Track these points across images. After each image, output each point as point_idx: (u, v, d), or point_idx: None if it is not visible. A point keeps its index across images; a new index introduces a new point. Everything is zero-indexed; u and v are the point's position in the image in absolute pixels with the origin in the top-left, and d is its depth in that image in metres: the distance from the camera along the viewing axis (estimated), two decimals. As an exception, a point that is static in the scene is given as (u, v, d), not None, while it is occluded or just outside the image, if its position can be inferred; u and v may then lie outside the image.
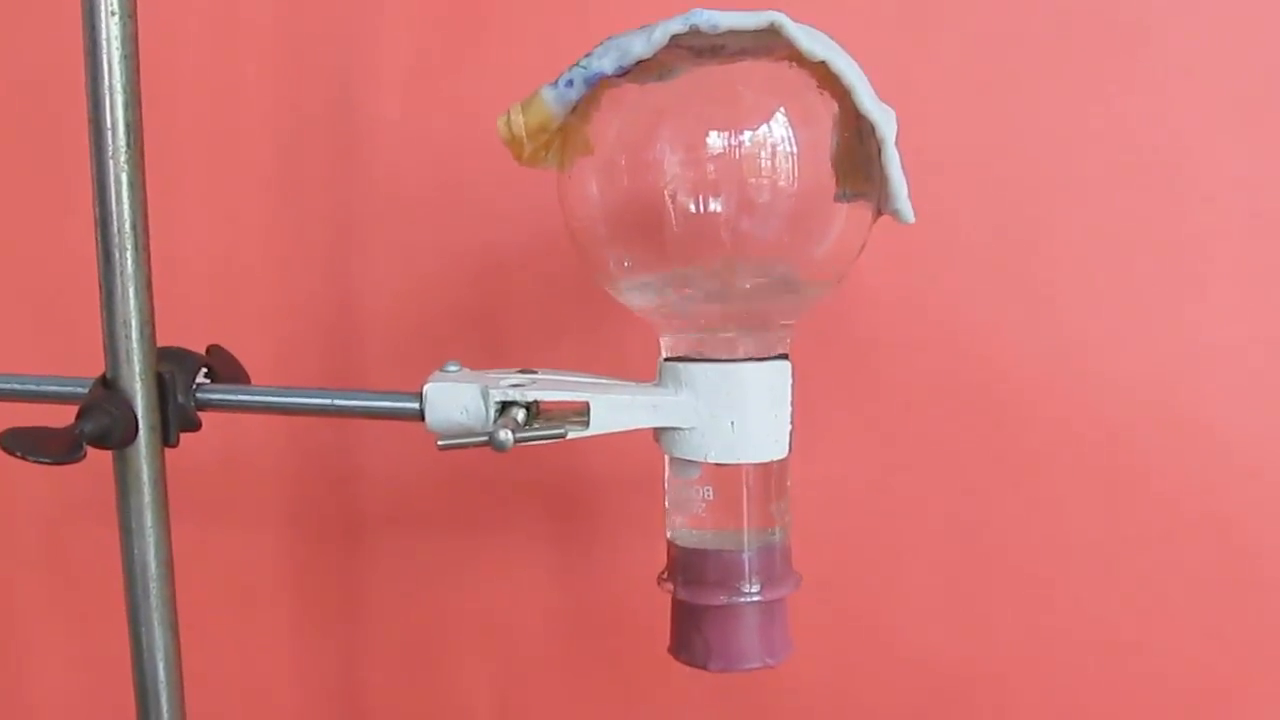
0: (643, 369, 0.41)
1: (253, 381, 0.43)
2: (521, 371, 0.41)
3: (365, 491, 0.60)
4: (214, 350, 0.44)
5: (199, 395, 0.40)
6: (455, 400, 0.38)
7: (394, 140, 0.57)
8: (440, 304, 0.57)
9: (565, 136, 0.40)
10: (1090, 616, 0.53)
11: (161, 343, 0.40)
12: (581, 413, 0.38)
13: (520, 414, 0.38)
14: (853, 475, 0.54)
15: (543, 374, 0.40)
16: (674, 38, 0.35)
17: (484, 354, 0.56)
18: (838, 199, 0.38)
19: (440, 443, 0.36)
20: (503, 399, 0.38)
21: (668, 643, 0.41)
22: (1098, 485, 0.52)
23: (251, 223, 0.59)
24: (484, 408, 0.38)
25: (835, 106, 0.37)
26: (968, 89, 0.52)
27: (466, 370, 0.40)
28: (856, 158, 0.38)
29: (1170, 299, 0.51)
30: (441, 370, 0.40)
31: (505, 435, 0.35)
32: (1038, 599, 0.53)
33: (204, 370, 0.42)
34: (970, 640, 0.54)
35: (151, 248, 0.36)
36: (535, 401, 0.38)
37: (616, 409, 0.38)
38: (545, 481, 0.58)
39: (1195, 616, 0.52)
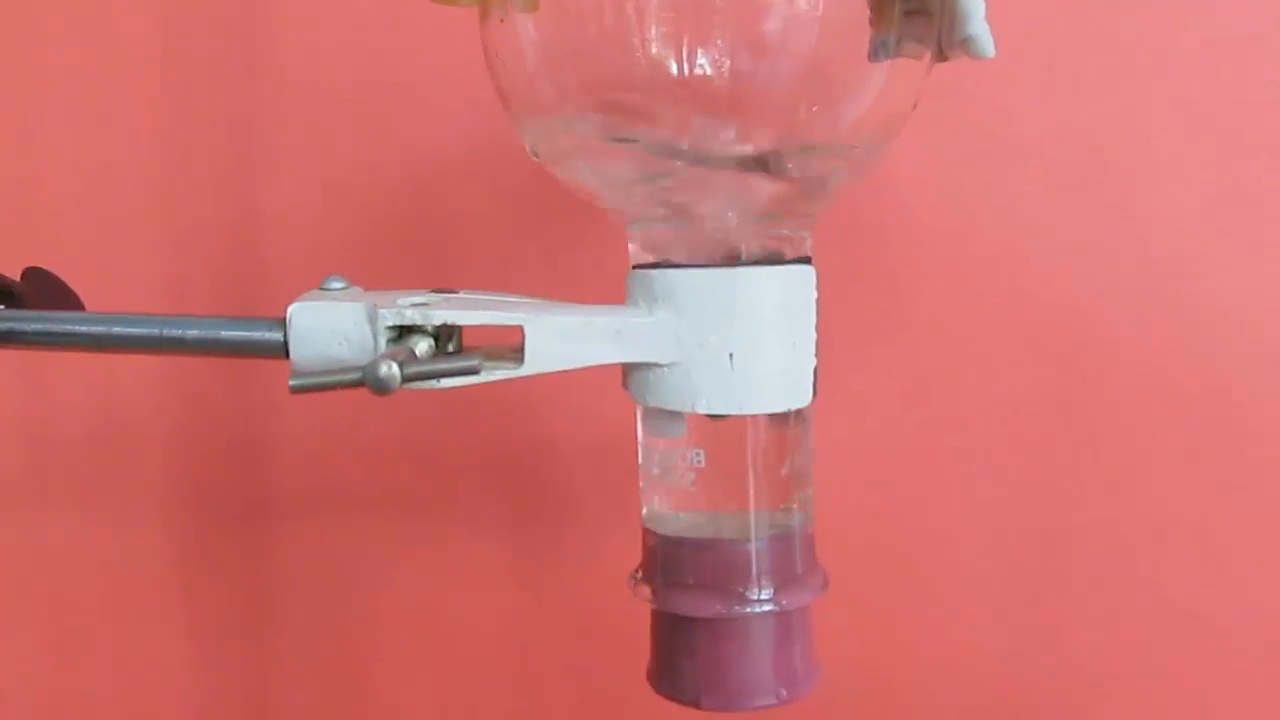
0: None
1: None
2: (434, 291, 0.33)
3: (276, 467, 0.56)
4: (32, 274, 0.37)
5: (-24, 325, 0.33)
6: (332, 325, 0.30)
7: (303, 20, 0.53)
8: (364, 227, 0.53)
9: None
10: (1190, 613, 0.50)
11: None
12: (519, 346, 0.31)
13: (423, 345, 0.30)
14: (885, 435, 0.51)
15: (465, 294, 0.33)
16: None
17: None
18: (875, 54, 0.32)
19: (293, 382, 0.28)
20: (398, 323, 0.30)
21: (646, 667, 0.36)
22: (1199, 447, 0.49)
23: (129, 126, 0.54)
24: (371, 336, 0.30)
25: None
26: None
27: (355, 288, 0.32)
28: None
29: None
30: (319, 288, 0.32)
31: (386, 369, 0.27)
32: (1122, 591, 0.50)
33: (-1, 294, 0.34)
34: (1037, 644, 0.51)
35: (5, 159, 0.28)
36: (450, 328, 0.31)
37: (563, 337, 0.31)
38: (502, 454, 0.54)
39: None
